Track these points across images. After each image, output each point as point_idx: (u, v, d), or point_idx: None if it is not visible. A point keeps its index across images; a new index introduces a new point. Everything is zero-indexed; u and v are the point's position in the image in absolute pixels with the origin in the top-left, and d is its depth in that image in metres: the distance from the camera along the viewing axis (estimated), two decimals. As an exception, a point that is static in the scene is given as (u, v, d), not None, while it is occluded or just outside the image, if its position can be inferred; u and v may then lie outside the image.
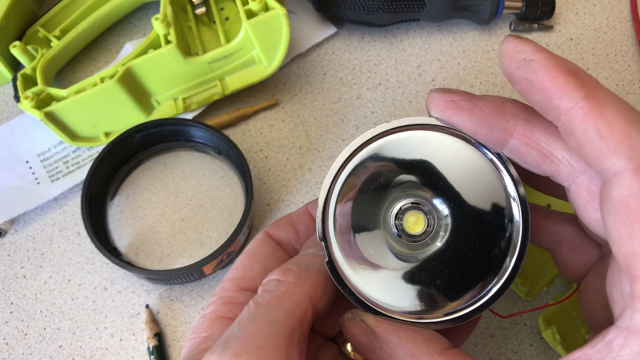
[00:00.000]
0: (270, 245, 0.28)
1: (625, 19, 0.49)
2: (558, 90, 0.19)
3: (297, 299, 0.23)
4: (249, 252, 0.28)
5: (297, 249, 0.29)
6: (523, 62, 0.20)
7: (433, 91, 0.24)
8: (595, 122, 0.19)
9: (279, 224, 0.29)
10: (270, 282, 0.24)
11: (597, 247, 0.25)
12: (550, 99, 0.20)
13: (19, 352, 0.37)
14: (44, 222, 0.41)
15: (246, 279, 0.27)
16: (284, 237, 0.29)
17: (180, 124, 0.41)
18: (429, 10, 0.45)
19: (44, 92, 0.41)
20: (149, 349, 0.36)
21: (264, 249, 0.28)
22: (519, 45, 0.20)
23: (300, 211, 0.30)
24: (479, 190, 0.24)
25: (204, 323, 0.26)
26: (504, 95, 0.46)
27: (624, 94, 0.46)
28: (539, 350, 0.37)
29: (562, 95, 0.19)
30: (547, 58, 0.20)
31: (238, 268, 0.27)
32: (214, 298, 0.27)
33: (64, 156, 0.43)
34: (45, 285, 0.39)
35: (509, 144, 0.23)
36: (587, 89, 0.19)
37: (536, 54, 0.20)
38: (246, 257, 0.28)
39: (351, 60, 0.47)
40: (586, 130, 0.19)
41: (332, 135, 0.44)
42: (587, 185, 0.22)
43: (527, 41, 0.20)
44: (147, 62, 0.40)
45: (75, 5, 0.47)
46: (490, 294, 0.23)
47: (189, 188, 0.42)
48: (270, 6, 0.39)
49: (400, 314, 0.24)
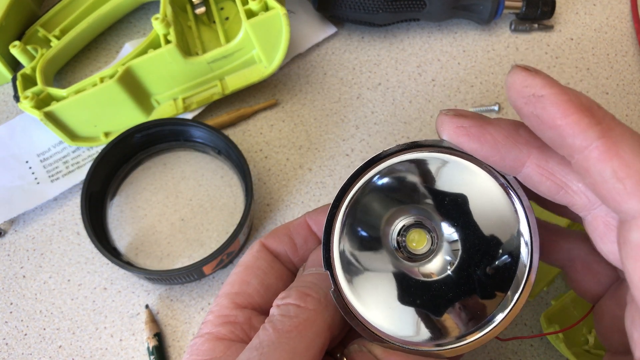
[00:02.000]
0: (267, 258, 0.27)
1: (625, 19, 0.49)
2: (571, 129, 0.18)
3: (318, 328, 0.22)
4: (245, 266, 0.27)
5: (294, 262, 0.28)
6: (532, 97, 0.19)
7: (443, 114, 0.23)
8: (612, 163, 0.18)
9: (276, 235, 0.28)
10: (289, 306, 0.23)
11: (612, 268, 0.24)
12: (563, 137, 0.19)
13: (19, 352, 0.37)
14: (43, 222, 0.41)
15: (243, 295, 0.26)
16: (281, 249, 0.28)
17: (180, 124, 0.41)
18: (429, 10, 0.45)
19: (44, 92, 0.41)
20: (149, 349, 0.36)
21: (260, 262, 0.27)
22: (527, 79, 0.19)
23: (298, 222, 0.28)
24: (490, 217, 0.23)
25: (204, 344, 0.24)
26: (505, 96, 0.46)
27: (624, 94, 0.46)
28: (539, 351, 0.36)
29: (576, 133, 0.18)
30: (558, 93, 0.19)
31: (234, 283, 0.26)
32: (210, 316, 0.26)
33: (63, 156, 0.43)
34: (45, 286, 0.39)
35: (522, 172, 0.22)
36: (602, 127, 0.18)
37: (546, 89, 0.19)
38: (242, 271, 0.27)
39: (351, 60, 0.47)
40: (602, 171, 0.18)
41: (332, 135, 0.44)
42: (604, 218, 0.21)
43: (536, 74, 0.19)
44: (146, 62, 0.40)
45: (75, 5, 0.47)
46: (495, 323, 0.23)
47: (189, 188, 0.42)
48: (270, 6, 0.39)
49: (406, 342, 0.23)
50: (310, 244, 0.28)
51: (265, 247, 0.28)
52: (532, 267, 0.23)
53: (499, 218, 0.23)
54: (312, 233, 0.28)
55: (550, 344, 0.36)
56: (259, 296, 0.26)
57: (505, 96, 0.45)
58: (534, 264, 0.23)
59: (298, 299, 0.23)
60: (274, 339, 0.22)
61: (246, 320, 0.25)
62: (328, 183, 0.42)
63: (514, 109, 0.20)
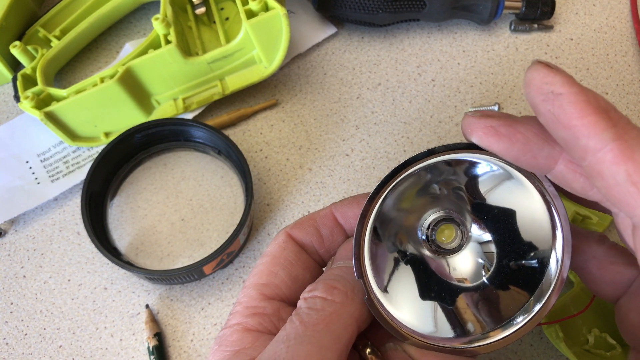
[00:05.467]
0: (294, 249, 0.26)
1: (625, 19, 0.49)
2: (587, 130, 0.18)
3: (345, 321, 0.22)
4: (272, 256, 0.26)
5: (320, 254, 0.28)
6: (551, 95, 0.19)
7: (469, 115, 0.22)
8: (626, 166, 0.18)
9: (302, 226, 0.27)
10: (316, 299, 0.23)
11: (630, 266, 0.24)
12: (578, 137, 0.18)
13: (19, 352, 0.37)
14: (44, 222, 0.41)
15: (271, 287, 0.25)
16: (308, 240, 0.27)
17: (180, 124, 0.41)
18: (429, 10, 0.45)
19: (44, 92, 0.41)
20: (149, 349, 0.36)
21: (287, 253, 0.26)
22: (548, 75, 0.19)
23: (324, 213, 0.28)
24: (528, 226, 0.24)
25: (232, 335, 0.24)
26: (505, 96, 0.46)
27: (624, 94, 0.46)
28: (539, 350, 0.37)
29: (591, 135, 0.18)
30: (577, 93, 0.18)
31: (262, 273, 0.26)
32: (238, 307, 0.25)
33: (64, 156, 0.43)
34: (45, 285, 0.39)
35: (554, 170, 0.21)
36: (618, 129, 0.18)
37: (565, 87, 0.19)
38: (269, 262, 0.26)
39: (351, 60, 0.47)
40: (616, 174, 0.18)
41: (332, 135, 0.44)
42: None
43: (557, 71, 0.19)
44: (147, 62, 0.40)
45: (75, 5, 0.47)
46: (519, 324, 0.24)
47: (189, 188, 0.42)
48: (270, 6, 0.39)
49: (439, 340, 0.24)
50: (336, 236, 0.27)
51: (292, 238, 0.27)
52: (558, 284, 0.23)
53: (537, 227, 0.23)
54: (338, 225, 0.27)
55: (550, 344, 0.36)
56: (286, 287, 0.25)
57: (506, 96, 0.46)
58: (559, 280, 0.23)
59: (325, 291, 0.23)
60: (300, 332, 0.21)
61: (274, 312, 0.25)
62: (328, 183, 0.42)
63: (530, 104, 0.20)
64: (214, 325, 0.38)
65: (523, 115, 0.23)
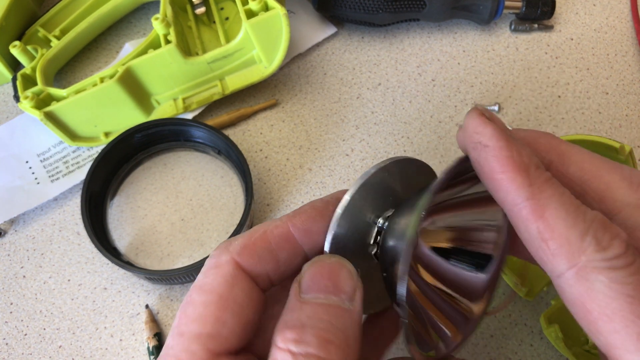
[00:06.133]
0: (245, 286, 0.21)
1: (625, 19, 0.49)
2: (506, 184, 0.19)
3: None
4: (218, 296, 0.21)
5: (274, 284, 0.23)
6: (479, 145, 0.20)
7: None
8: (537, 224, 0.19)
9: (254, 251, 0.22)
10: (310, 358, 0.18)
11: None
12: (498, 190, 0.20)
13: (19, 352, 0.37)
14: (43, 222, 0.41)
15: (219, 339, 0.20)
16: (261, 271, 0.22)
17: (180, 124, 0.41)
18: (429, 10, 0.45)
19: (44, 92, 0.41)
20: (149, 349, 0.36)
21: (237, 292, 0.21)
22: (479, 126, 0.20)
23: (279, 232, 0.22)
24: None
25: None
26: (505, 96, 0.46)
27: (624, 94, 0.46)
28: (539, 351, 0.36)
29: (509, 190, 0.19)
30: (502, 148, 0.19)
31: (205, 320, 0.20)
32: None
33: (63, 156, 0.43)
34: (45, 285, 0.39)
35: None
36: (533, 189, 0.19)
37: (492, 141, 0.20)
38: (214, 305, 0.20)
39: (351, 60, 0.47)
40: (529, 230, 0.19)
41: (332, 135, 0.44)
42: None
43: (489, 124, 0.20)
44: (147, 62, 0.40)
45: (75, 5, 0.47)
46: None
47: (189, 188, 0.42)
48: (270, 6, 0.39)
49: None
50: (294, 259, 0.22)
51: (241, 269, 0.21)
52: None
53: None
54: (297, 246, 0.22)
55: (550, 344, 0.36)
56: (236, 338, 0.21)
57: (506, 96, 0.46)
58: None
59: (319, 347, 0.19)
60: None
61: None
62: (328, 183, 0.42)
63: (460, 148, 0.21)
64: (214, 326, 0.38)
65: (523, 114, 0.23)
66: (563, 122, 0.45)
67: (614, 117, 0.45)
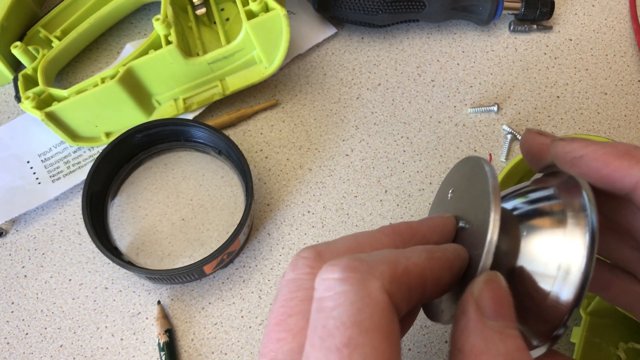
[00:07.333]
0: (395, 318, 0.17)
1: (624, 20, 0.50)
2: (616, 173, 0.20)
3: None
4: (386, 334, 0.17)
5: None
6: (575, 160, 0.21)
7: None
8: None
9: (405, 284, 0.18)
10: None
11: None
12: (614, 182, 0.21)
13: (20, 352, 0.37)
14: (44, 222, 0.42)
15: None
16: (403, 306, 0.18)
17: (180, 124, 0.41)
18: (429, 11, 0.45)
19: (45, 93, 0.42)
20: (160, 345, 0.37)
21: (394, 327, 0.17)
22: (566, 146, 0.22)
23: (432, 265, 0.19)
24: None
25: None
26: (504, 96, 0.46)
27: (623, 94, 0.46)
28: (538, 350, 0.37)
29: (624, 175, 0.20)
30: (595, 150, 0.21)
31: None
32: None
33: (64, 156, 0.43)
34: (46, 285, 0.39)
35: None
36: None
37: (583, 150, 0.21)
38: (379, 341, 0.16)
39: (351, 60, 0.48)
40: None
41: (332, 135, 0.44)
42: None
43: (573, 140, 0.22)
44: (147, 62, 0.41)
45: (76, 6, 0.47)
46: None
47: (190, 188, 0.42)
48: (271, 7, 0.40)
49: None
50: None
51: (392, 300, 0.18)
52: None
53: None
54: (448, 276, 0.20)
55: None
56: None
57: (504, 97, 0.46)
58: None
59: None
60: None
61: None
62: (328, 183, 0.43)
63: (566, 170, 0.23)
64: (214, 325, 0.38)
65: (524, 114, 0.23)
66: (562, 123, 0.45)
67: (613, 117, 0.45)
